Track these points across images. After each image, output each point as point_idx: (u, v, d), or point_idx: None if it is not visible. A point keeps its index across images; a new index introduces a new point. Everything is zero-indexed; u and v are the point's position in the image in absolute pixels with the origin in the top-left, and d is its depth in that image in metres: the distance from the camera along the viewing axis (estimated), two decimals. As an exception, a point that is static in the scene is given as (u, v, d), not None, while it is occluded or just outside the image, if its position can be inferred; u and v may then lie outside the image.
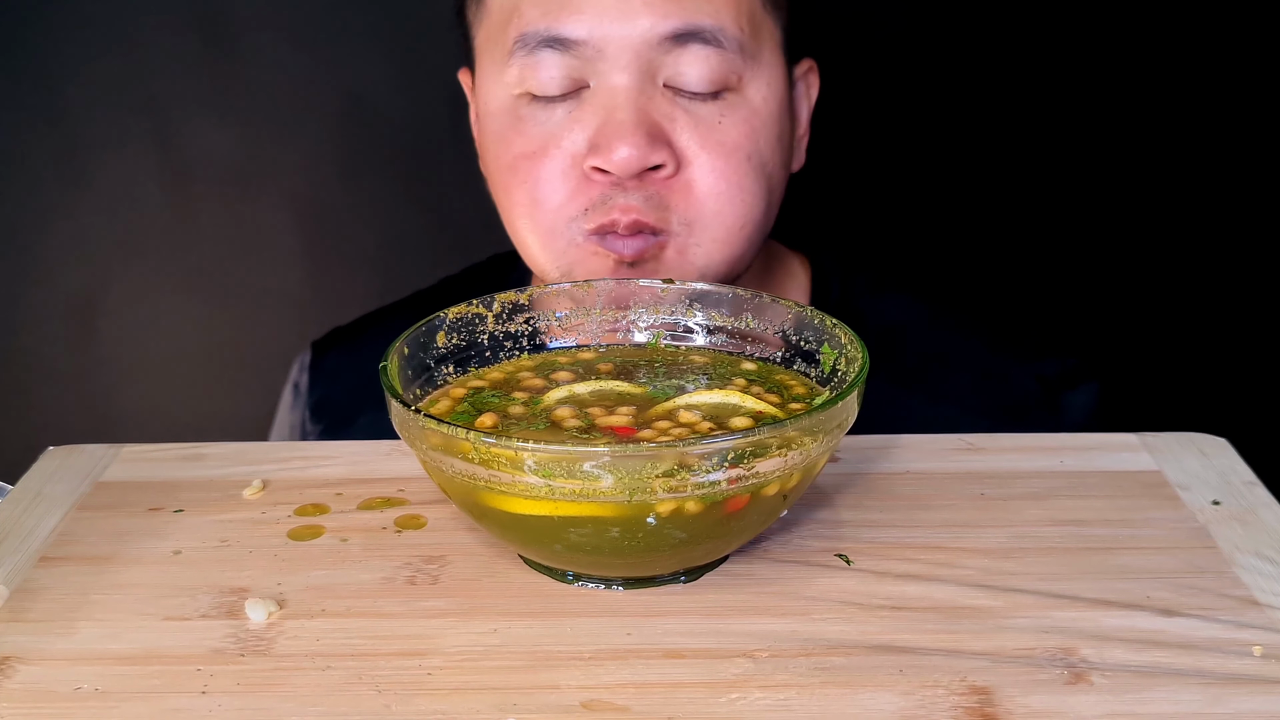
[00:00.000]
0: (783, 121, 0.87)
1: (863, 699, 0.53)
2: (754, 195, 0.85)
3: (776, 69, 0.87)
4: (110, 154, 1.37)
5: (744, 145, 0.84)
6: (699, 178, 0.84)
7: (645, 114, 0.82)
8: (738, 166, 0.84)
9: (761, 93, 0.85)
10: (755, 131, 0.85)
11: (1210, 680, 0.54)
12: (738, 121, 0.84)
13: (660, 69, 0.83)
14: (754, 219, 0.86)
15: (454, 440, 0.56)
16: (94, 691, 0.54)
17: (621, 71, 0.82)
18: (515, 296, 0.71)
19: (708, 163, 0.84)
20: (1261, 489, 0.69)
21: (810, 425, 0.57)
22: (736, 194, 0.85)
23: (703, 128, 0.83)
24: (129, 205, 1.39)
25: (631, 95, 0.83)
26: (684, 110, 0.83)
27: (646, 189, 0.83)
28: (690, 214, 0.84)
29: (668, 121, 0.83)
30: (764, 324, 0.70)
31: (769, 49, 0.86)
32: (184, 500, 0.68)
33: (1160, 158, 1.31)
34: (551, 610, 0.59)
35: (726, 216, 0.85)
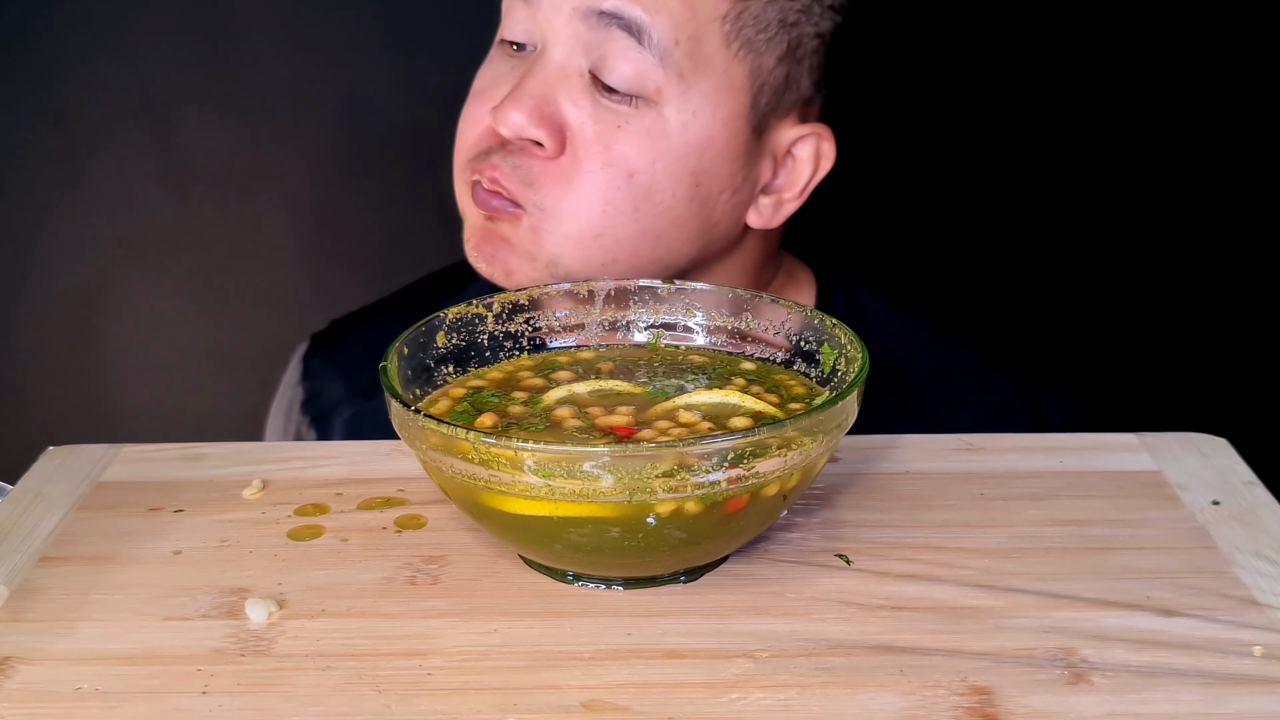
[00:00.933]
0: (706, 160, 0.85)
1: (863, 699, 0.53)
2: (623, 214, 0.84)
3: (722, 107, 0.84)
4: (109, 154, 1.37)
5: (631, 161, 0.83)
6: (573, 171, 0.84)
7: (549, 89, 0.84)
8: (614, 177, 0.83)
9: (683, 118, 0.83)
10: (654, 153, 0.83)
11: (1210, 680, 0.54)
12: (637, 133, 0.83)
13: (590, 50, 0.83)
14: (617, 236, 0.84)
15: (454, 440, 0.56)
16: (94, 691, 0.54)
17: (555, 40, 0.84)
18: (515, 296, 0.71)
19: (585, 160, 0.84)
20: (1261, 489, 0.69)
21: (810, 425, 0.57)
22: (600, 204, 0.84)
23: (599, 126, 0.83)
24: (128, 205, 1.39)
25: (546, 67, 0.84)
26: (593, 102, 0.84)
27: (520, 159, 0.85)
28: (547, 201, 0.84)
29: (571, 106, 0.84)
30: (764, 324, 0.70)
31: (716, 82, 0.83)
32: (184, 500, 0.68)
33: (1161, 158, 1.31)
34: (551, 610, 0.59)
35: (581, 220, 0.84)
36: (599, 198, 0.84)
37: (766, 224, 0.89)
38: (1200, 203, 1.32)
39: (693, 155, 0.84)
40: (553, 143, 0.84)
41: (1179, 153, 1.30)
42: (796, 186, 0.90)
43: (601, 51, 0.83)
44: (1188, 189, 1.31)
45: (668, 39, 0.82)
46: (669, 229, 0.86)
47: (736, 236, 0.90)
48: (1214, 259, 1.33)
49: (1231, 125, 1.29)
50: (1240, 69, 1.28)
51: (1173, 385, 1.34)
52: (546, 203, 0.84)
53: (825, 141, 0.89)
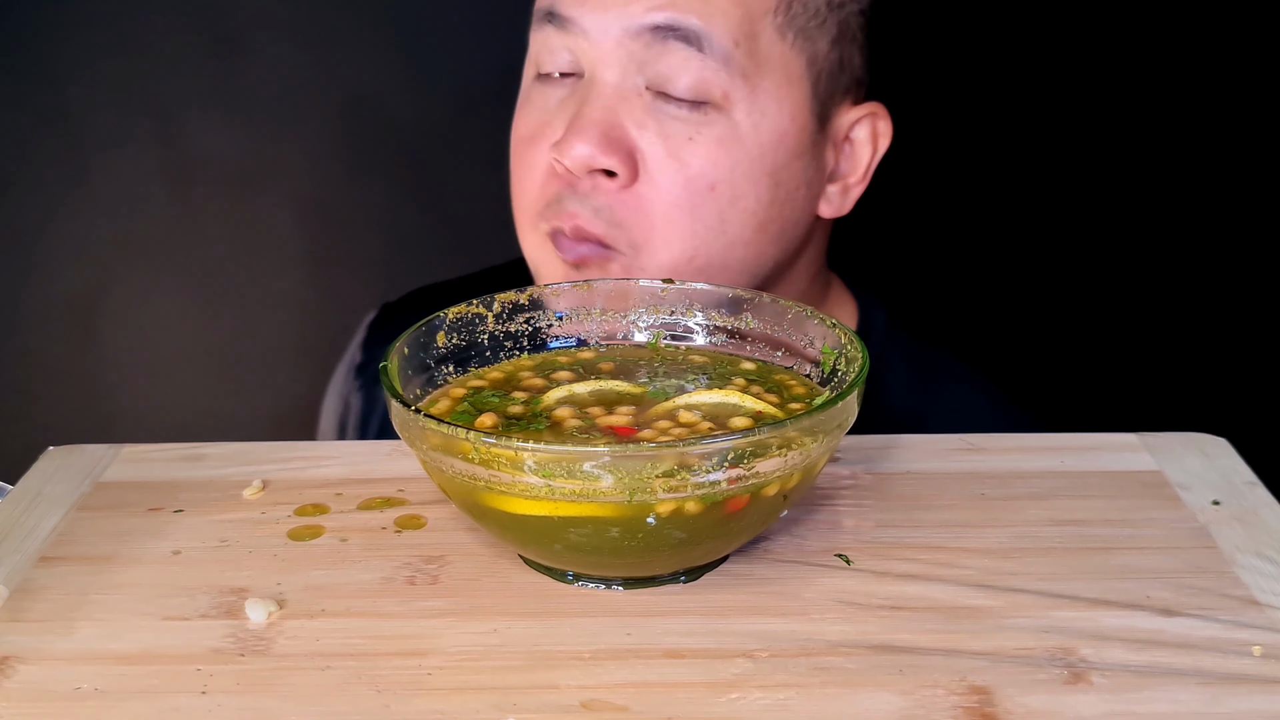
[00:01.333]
0: (780, 157, 0.83)
1: (862, 699, 0.53)
2: (711, 229, 0.82)
3: (786, 101, 0.82)
4: (113, 154, 1.37)
5: (710, 172, 0.81)
6: (653, 196, 0.81)
7: (613, 114, 0.81)
8: (697, 194, 0.81)
9: (754, 119, 0.81)
10: (731, 159, 0.81)
11: (1210, 680, 0.54)
12: (711, 142, 0.81)
13: (645, 67, 0.81)
14: (709, 253, 0.82)
15: (454, 440, 0.56)
16: (94, 691, 0.54)
17: (606, 63, 0.81)
18: (515, 296, 0.71)
19: (665, 182, 0.81)
20: (1262, 489, 0.68)
21: (810, 425, 0.57)
22: (688, 224, 0.81)
23: (671, 142, 0.81)
24: (131, 205, 1.39)
25: (606, 91, 0.81)
26: (658, 119, 0.81)
27: (597, 198, 0.81)
28: (638, 236, 0.81)
29: (637, 127, 0.81)
30: (764, 324, 0.70)
31: (778, 77, 0.82)
32: (184, 500, 0.68)
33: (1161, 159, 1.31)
34: (551, 610, 0.59)
35: (674, 245, 0.81)
36: (686, 218, 0.81)
37: (837, 212, 0.88)
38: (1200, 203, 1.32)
39: (768, 155, 0.82)
40: (625, 169, 0.80)
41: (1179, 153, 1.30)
42: (859, 169, 0.88)
43: (659, 66, 0.80)
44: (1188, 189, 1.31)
45: (727, 42, 0.80)
46: (755, 235, 0.84)
47: (809, 233, 0.88)
48: (1214, 259, 1.33)
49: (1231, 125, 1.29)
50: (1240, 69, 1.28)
51: (1173, 385, 1.34)
52: (638, 239, 0.82)
53: (881, 120, 0.88)
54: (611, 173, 0.81)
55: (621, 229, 0.82)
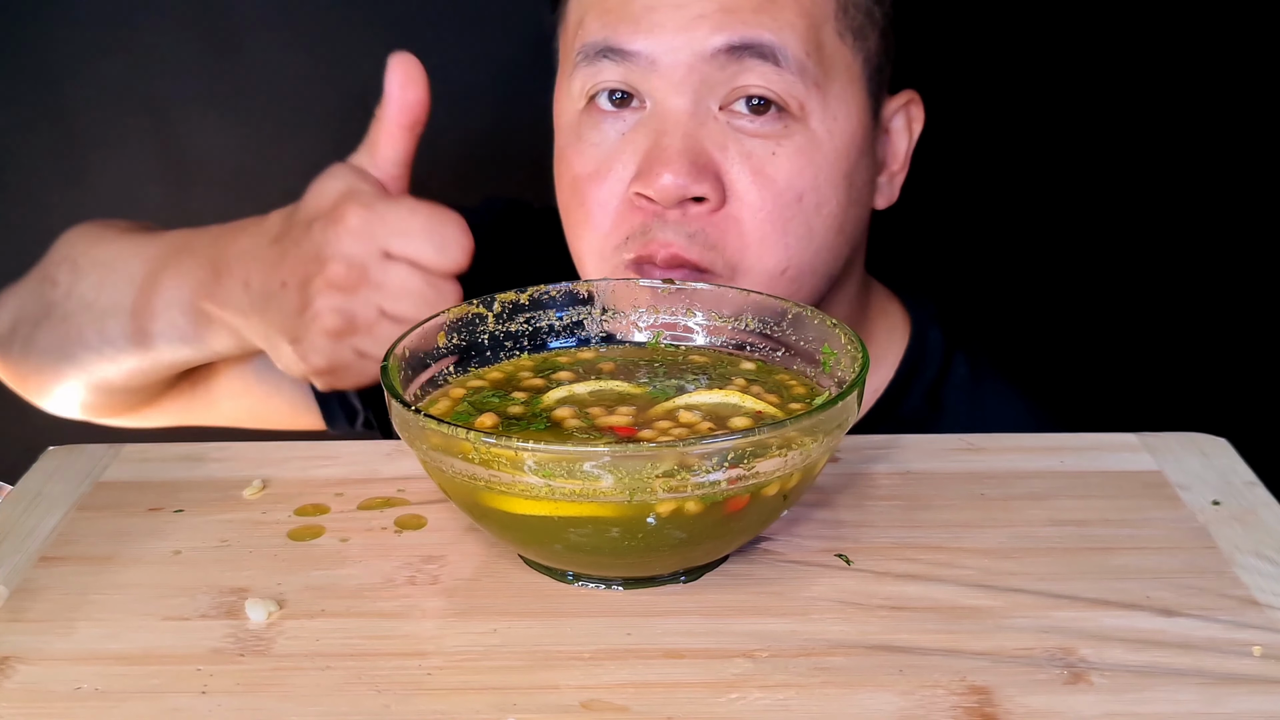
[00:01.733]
0: (853, 158, 0.83)
1: (862, 699, 0.53)
2: (801, 239, 0.81)
3: (851, 102, 0.82)
4: (111, 154, 1.37)
5: (796, 183, 0.80)
6: (744, 215, 0.80)
7: (693, 140, 0.80)
8: (786, 206, 0.80)
9: (827, 125, 0.81)
10: (814, 167, 0.81)
11: (1210, 680, 0.54)
12: (793, 154, 0.80)
13: (716, 90, 0.80)
14: (799, 263, 0.82)
15: (454, 440, 0.56)
16: (94, 691, 0.54)
17: (675, 90, 0.80)
18: (515, 296, 0.71)
19: (755, 200, 0.80)
20: (1261, 489, 0.69)
21: (810, 425, 0.57)
22: (780, 237, 0.81)
23: (754, 160, 0.80)
24: (129, 205, 1.39)
25: (681, 119, 0.80)
26: (737, 138, 0.80)
27: (689, 224, 0.80)
28: (734, 257, 0.81)
29: (718, 150, 0.80)
30: (764, 324, 0.70)
31: (842, 80, 0.82)
32: (184, 500, 0.68)
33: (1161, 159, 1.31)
34: (551, 610, 0.59)
35: (768, 260, 0.81)
36: (779, 232, 0.81)
37: (889, 201, 0.88)
38: (1200, 203, 1.32)
39: (843, 158, 0.82)
40: (715, 193, 0.80)
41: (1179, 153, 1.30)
42: (900, 156, 0.89)
43: (734, 84, 0.80)
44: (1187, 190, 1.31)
45: (800, 53, 0.79)
46: (835, 238, 0.84)
47: (867, 227, 0.89)
48: (1214, 259, 1.33)
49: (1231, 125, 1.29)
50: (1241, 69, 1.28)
51: (1173, 385, 1.34)
52: (733, 259, 0.81)
53: (914, 105, 0.88)
54: (700, 198, 0.80)
55: (717, 251, 0.81)
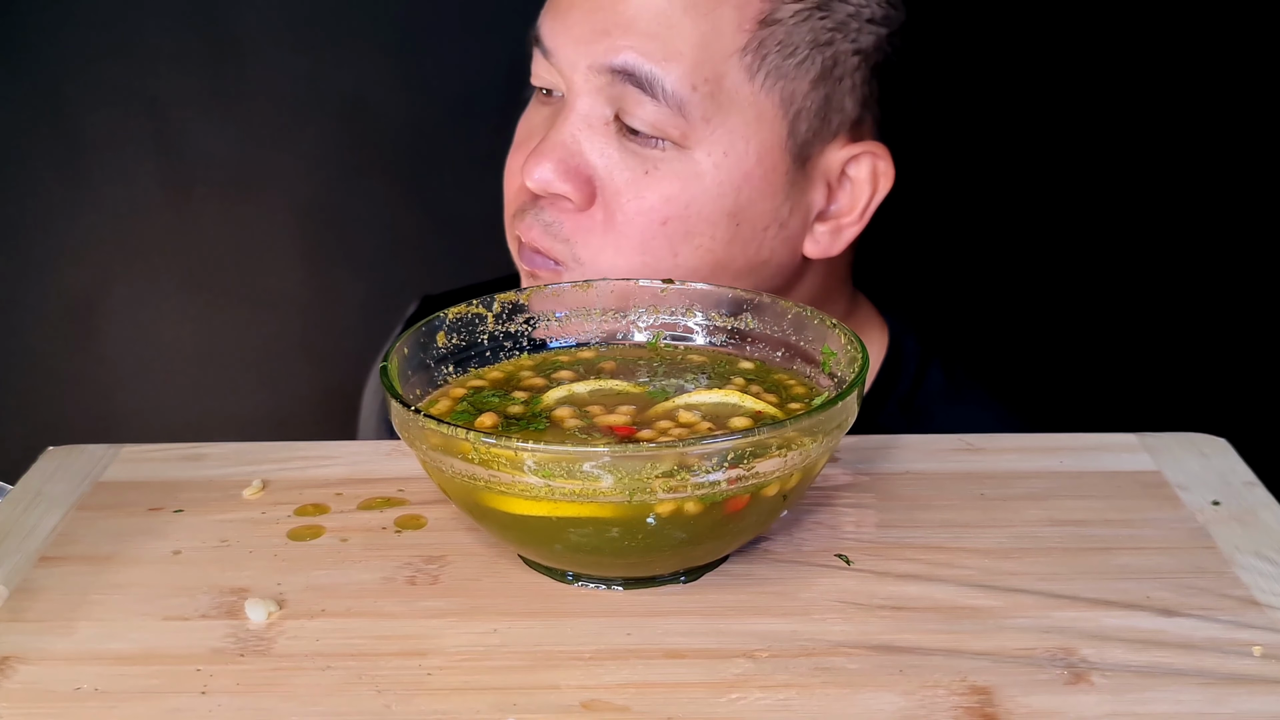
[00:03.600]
0: (743, 197, 0.82)
1: (863, 699, 0.53)
2: (661, 260, 0.82)
3: (752, 141, 0.81)
4: (111, 155, 1.37)
5: (662, 207, 0.81)
6: (605, 222, 0.82)
7: (573, 142, 0.82)
8: (648, 226, 0.81)
9: (714, 159, 0.81)
10: (686, 196, 0.81)
11: (1210, 680, 0.54)
12: (665, 178, 0.81)
13: (613, 100, 0.81)
14: None
15: (454, 440, 0.56)
16: (94, 691, 0.54)
17: (577, 92, 0.82)
18: (515, 296, 0.71)
19: (616, 211, 0.81)
20: (1261, 489, 0.69)
21: (810, 426, 0.57)
22: (636, 254, 0.82)
23: (628, 173, 0.81)
24: (130, 206, 1.39)
25: (573, 119, 0.82)
26: (620, 149, 0.81)
27: (550, 215, 0.83)
28: (584, 254, 0.82)
29: (598, 155, 0.82)
30: (764, 324, 0.70)
31: (744, 117, 0.81)
32: (184, 500, 0.68)
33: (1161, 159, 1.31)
34: (551, 610, 0.59)
35: (619, 270, 0.82)
36: (635, 248, 0.82)
37: (825, 252, 0.86)
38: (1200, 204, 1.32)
39: (728, 195, 0.82)
40: (580, 195, 0.82)
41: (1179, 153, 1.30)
42: (856, 209, 0.86)
43: (622, 102, 0.81)
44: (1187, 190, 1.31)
45: (683, 87, 0.79)
46: (713, 271, 0.83)
47: (795, 269, 0.87)
48: (1214, 259, 1.33)
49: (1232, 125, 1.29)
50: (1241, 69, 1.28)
51: (1173, 385, 1.34)
52: (584, 256, 0.83)
53: (881, 160, 0.85)
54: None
55: (568, 245, 0.83)
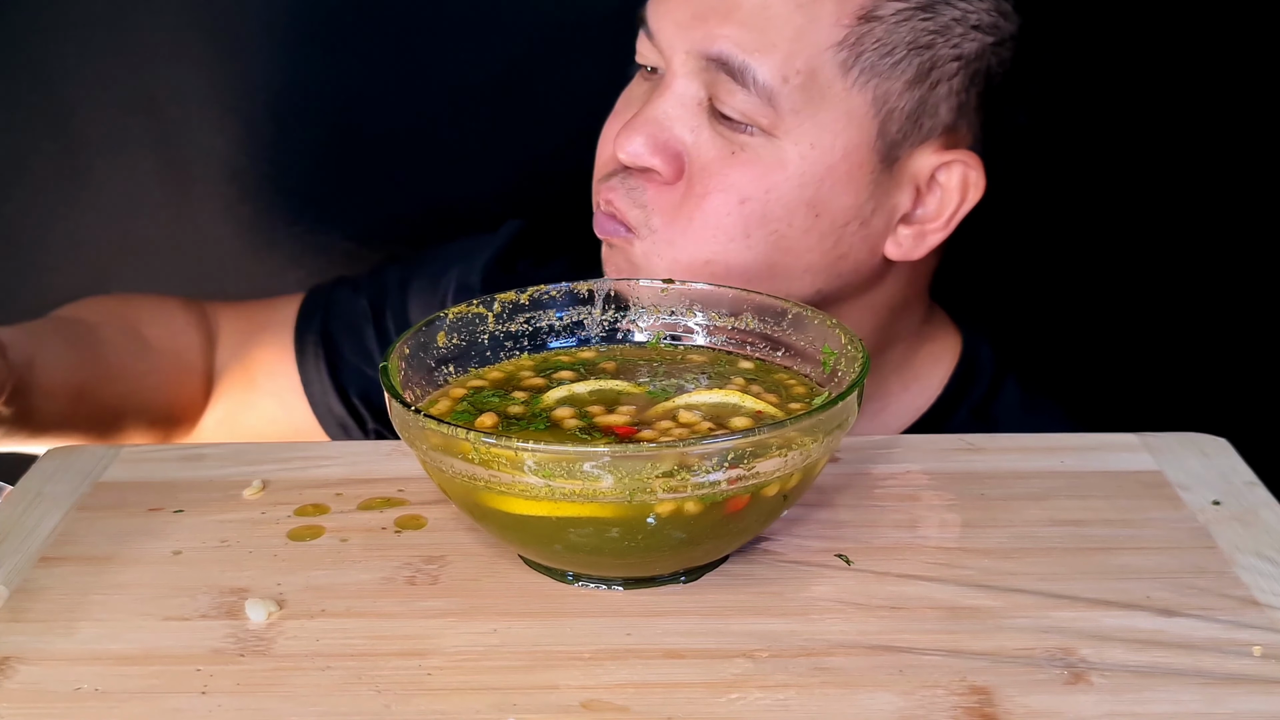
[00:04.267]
0: (826, 189, 0.82)
1: (862, 699, 0.53)
2: (734, 240, 0.82)
3: (840, 136, 0.81)
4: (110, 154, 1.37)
5: (742, 188, 0.82)
6: (685, 196, 0.83)
7: (667, 118, 0.83)
8: (724, 204, 0.82)
9: (800, 149, 0.81)
10: (767, 181, 0.82)
11: (1210, 680, 0.54)
12: (749, 162, 0.82)
13: (712, 84, 0.82)
14: (730, 263, 0.83)
15: (454, 440, 0.56)
16: (94, 692, 0.54)
17: (675, 72, 0.83)
18: (515, 296, 0.71)
19: (699, 186, 0.83)
20: (1262, 489, 0.69)
21: (811, 426, 0.57)
22: (710, 229, 0.83)
23: (715, 153, 0.82)
24: (129, 205, 1.39)
25: (666, 95, 0.83)
26: (711, 130, 0.83)
27: (636, 181, 0.84)
28: (658, 223, 0.84)
29: (689, 133, 0.83)
30: (765, 324, 0.70)
31: (835, 112, 0.81)
32: (184, 500, 0.68)
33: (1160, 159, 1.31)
34: (551, 610, 0.59)
35: (691, 243, 0.83)
36: (709, 223, 0.82)
37: (907, 255, 0.86)
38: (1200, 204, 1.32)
39: (809, 186, 0.82)
40: (668, 169, 0.83)
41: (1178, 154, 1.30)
42: (943, 216, 0.85)
43: (715, 88, 0.82)
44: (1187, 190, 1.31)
45: (774, 79, 0.80)
46: (786, 259, 0.84)
47: (875, 270, 0.87)
48: (1213, 259, 1.33)
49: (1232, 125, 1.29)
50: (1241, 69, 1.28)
51: (1173, 385, 1.34)
52: (658, 225, 0.84)
53: (973, 170, 0.84)
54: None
55: (645, 212, 0.84)
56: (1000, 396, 0.94)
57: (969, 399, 0.94)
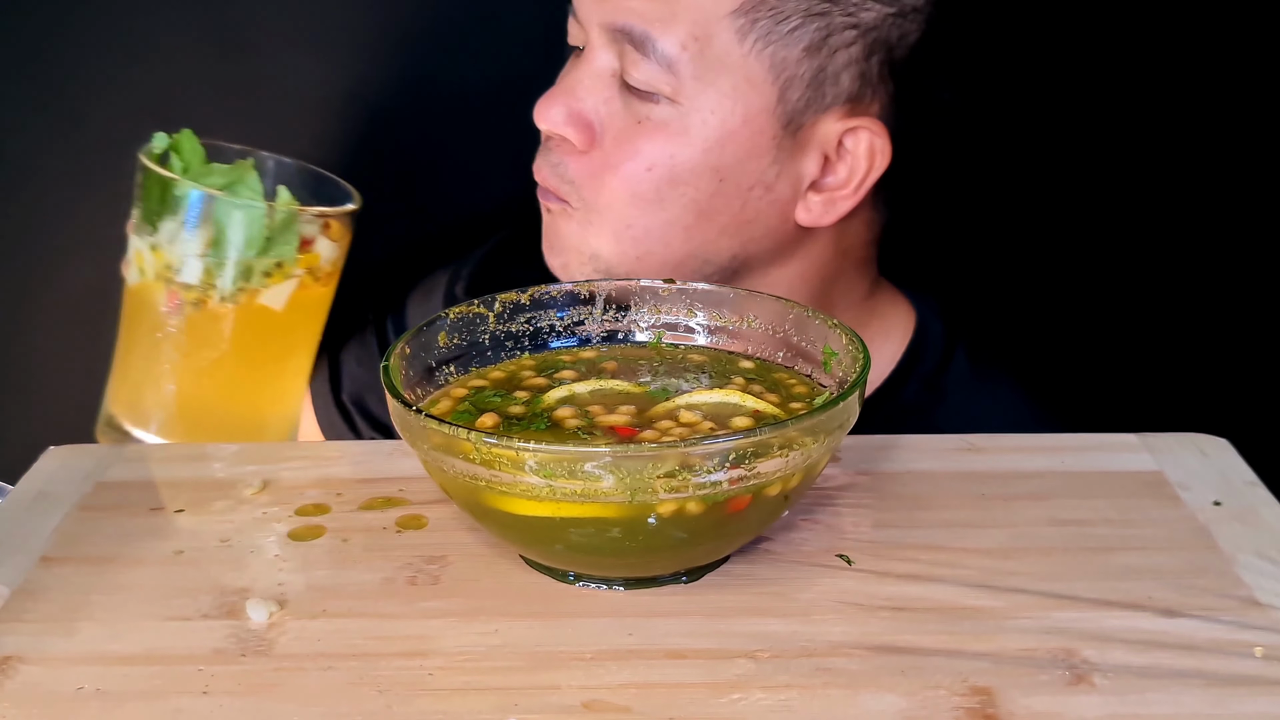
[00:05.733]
0: (729, 155, 0.85)
1: (864, 700, 0.53)
2: (648, 205, 0.86)
3: (740, 103, 0.84)
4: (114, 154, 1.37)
5: (649, 155, 0.85)
6: (601, 166, 0.87)
7: (581, 88, 0.87)
8: (634, 171, 0.86)
9: (701, 115, 0.84)
10: (672, 148, 0.85)
11: (1212, 681, 0.54)
12: (653, 130, 0.85)
13: (623, 54, 0.86)
14: (649, 225, 0.87)
15: (455, 440, 0.56)
16: (95, 692, 0.54)
17: (592, 45, 0.87)
18: (516, 296, 0.71)
19: (610, 155, 0.86)
20: (1262, 489, 0.69)
21: (812, 425, 0.57)
22: (626, 195, 0.86)
23: (622, 122, 0.86)
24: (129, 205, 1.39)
25: (579, 69, 0.88)
26: (621, 100, 0.86)
27: (557, 156, 0.88)
28: (586, 194, 0.88)
29: (601, 104, 0.87)
30: (764, 324, 0.70)
31: (734, 78, 0.83)
32: (185, 500, 0.68)
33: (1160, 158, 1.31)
34: (552, 611, 0.59)
35: (613, 212, 0.87)
36: (623, 189, 0.86)
37: (817, 221, 0.88)
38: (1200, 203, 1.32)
39: (712, 151, 0.85)
40: (581, 138, 0.87)
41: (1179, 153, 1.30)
42: (852, 183, 0.87)
43: (624, 59, 0.85)
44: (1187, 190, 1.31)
45: (673, 47, 0.83)
46: (697, 221, 0.87)
47: (790, 236, 0.89)
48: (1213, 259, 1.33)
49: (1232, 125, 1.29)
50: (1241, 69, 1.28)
51: (1173, 385, 1.34)
52: (586, 196, 0.87)
53: (878, 137, 0.86)
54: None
55: (572, 186, 0.88)
56: (950, 368, 0.96)
57: (919, 370, 0.95)
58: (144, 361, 0.92)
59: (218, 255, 0.86)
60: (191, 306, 0.88)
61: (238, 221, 0.86)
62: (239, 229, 0.87)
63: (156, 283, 0.89)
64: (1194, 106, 1.30)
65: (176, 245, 0.87)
